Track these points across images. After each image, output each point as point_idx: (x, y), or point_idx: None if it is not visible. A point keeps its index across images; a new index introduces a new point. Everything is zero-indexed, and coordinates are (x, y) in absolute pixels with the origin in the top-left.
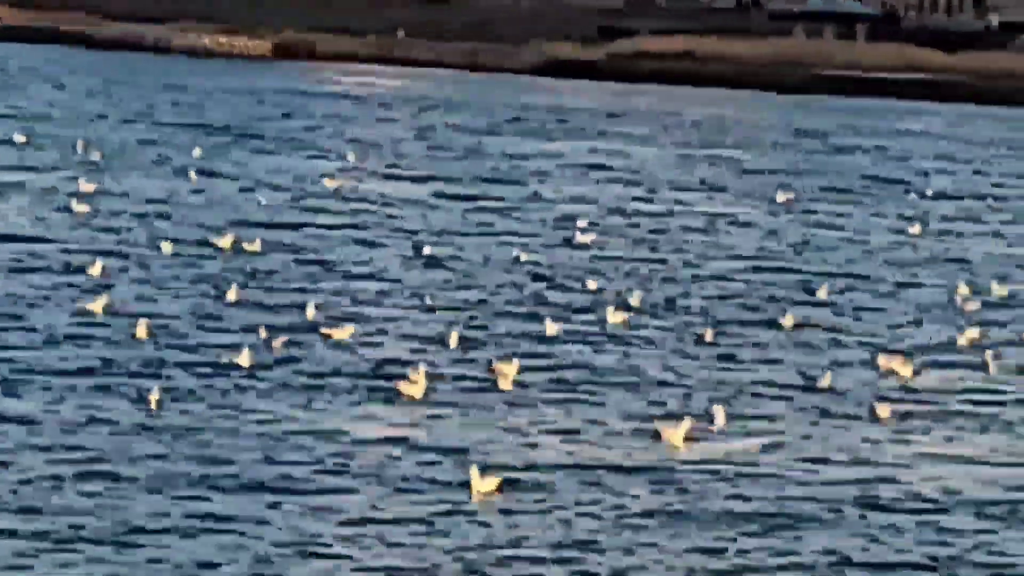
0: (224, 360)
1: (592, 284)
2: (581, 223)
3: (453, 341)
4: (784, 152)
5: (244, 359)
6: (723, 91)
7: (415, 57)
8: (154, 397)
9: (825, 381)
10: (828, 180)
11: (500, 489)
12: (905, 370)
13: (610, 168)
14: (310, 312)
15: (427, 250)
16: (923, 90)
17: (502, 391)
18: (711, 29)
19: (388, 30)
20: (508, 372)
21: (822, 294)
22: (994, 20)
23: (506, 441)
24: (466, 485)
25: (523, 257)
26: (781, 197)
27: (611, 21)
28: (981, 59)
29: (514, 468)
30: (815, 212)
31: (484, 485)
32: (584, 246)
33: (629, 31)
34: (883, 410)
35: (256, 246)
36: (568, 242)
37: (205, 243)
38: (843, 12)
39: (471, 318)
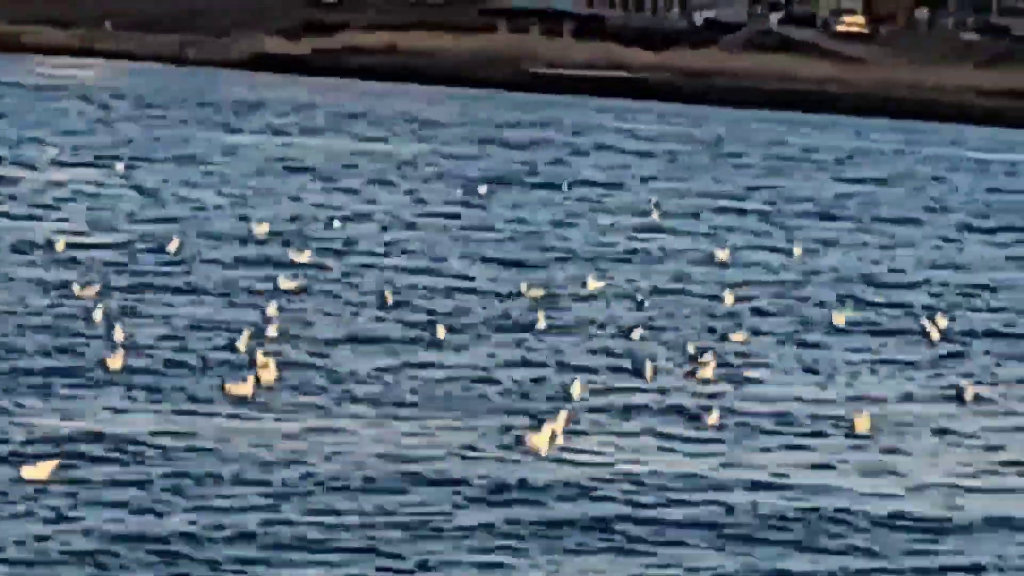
0: None
1: (288, 282)
2: (260, 216)
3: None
4: (478, 146)
5: None
6: (426, 87)
7: (122, 49)
8: None
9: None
10: (517, 174)
11: (52, 473)
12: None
13: (295, 160)
14: None
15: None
16: (627, 88)
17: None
18: (419, 24)
19: (96, 21)
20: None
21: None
22: (699, 18)
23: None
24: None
25: (206, 250)
26: (481, 189)
27: (322, 15)
28: (685, 57)
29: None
30: (504, 204)
31: (35, 472)
32: (262, 241)
33: (334, 26)
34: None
35: None
36: (248, 233)
37: None
38: (550, 10)
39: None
